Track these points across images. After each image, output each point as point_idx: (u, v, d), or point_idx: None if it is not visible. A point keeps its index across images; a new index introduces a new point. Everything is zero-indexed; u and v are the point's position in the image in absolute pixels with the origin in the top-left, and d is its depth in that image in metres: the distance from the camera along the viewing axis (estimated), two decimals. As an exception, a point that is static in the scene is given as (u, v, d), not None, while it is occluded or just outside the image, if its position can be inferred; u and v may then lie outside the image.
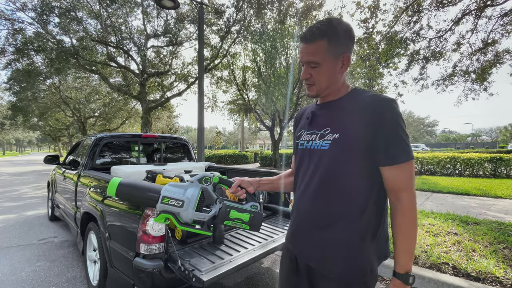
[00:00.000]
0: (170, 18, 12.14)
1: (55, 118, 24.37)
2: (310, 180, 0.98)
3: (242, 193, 1.08)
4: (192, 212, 0.95)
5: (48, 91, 17.41)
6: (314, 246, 0.95)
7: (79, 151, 3.85)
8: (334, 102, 0.99)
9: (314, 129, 1.01)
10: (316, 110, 1.05)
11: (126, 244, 1.85)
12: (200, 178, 1.01)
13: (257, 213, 1.03)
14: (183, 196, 0.96)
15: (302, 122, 1.13)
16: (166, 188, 0.97)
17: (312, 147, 0.99)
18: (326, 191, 0.92)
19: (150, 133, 3.91)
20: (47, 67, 11.86)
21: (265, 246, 1.94)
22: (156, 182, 2.36)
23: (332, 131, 0.93)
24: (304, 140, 1.05)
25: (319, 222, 0.94)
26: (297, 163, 1.10)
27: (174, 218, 0.95)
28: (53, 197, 4.51)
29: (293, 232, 1.05)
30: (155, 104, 13.18)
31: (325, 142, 0.94)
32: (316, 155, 0.97)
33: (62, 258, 3.14)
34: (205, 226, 0.99)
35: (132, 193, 0.98)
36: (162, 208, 0.95)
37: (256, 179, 1.18)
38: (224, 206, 1.00)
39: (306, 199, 0.98)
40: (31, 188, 8.59)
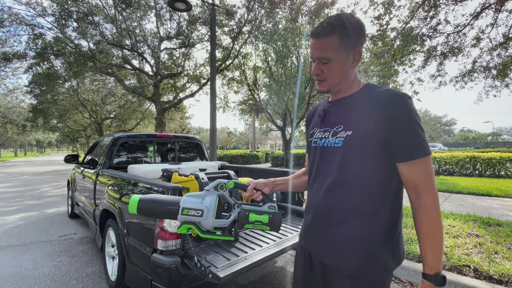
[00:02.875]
0: (183, 20, 12.34)
1: (73, 120, 25.26)
2: (323, 177, 0.98)
3: (258, 195, 1.08)
4: (212, 220, 0.97)
5: (67, 93, 18.07)
6: (328, 243, 0.94)
7: (97, 150, 3.98)
8: (346, 98, 0.98)
9: (326, 127, 1.01)
10: (328, 107, 1.04)
11: (144, 240, 1.89)
12: (216, 186, 1.03)
13: (276, 213, 1.03)
14: (202, 205, 0.98)
15: (315, 119, 1.12)
16: (185, 199, 0.99)
17: (325, 145, 0.99)
18: (339, 188, 0.92)
19: (164, 133, 3.98)
20: (66, 71, 12.32)
21: (280, 244, 1.94)
22: (171, 180, 2.41)
23: (345, 128, 0.92)
24: (317, 138, 1.05)
25: (332, 219, 0.93)
26: (310, 161, 1.09)
27: (195, 228, 0.97)
28: (72, 195, 4.68)
29: (306, 229, 1.05)
30: (169, 105, 13.42)
31: (338, 139, 0.93)
32: (329, 153, 0.97)
33: (82, 254, 3.25)
34: (226, 231, 1.00)
35: (153, 208, 1.01)
36: (183, 219, 0.97)
37: (271, 180, 1.18)
38: (242, 210, 1.00)
39: (320, 196, 0.98)
40: (51, 187, 8.94)
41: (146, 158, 3.78)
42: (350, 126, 0.91)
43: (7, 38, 10.24)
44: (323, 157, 1.00)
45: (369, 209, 0.88)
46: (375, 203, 0.88)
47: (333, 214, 0.93)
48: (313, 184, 1.05)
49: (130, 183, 2.32)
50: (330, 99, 1.07)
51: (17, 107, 26.62)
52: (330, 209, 0.94)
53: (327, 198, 0.95)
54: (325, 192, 0.96)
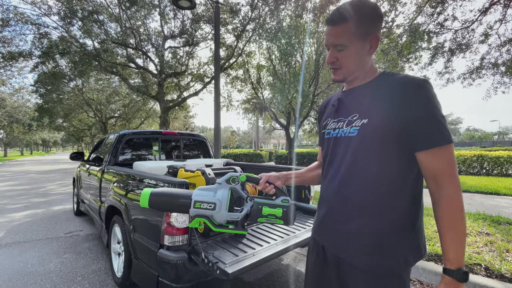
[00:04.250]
0: (186, 19, 12.34)
1: (78, 119, 25.48)
2: (337, 169, 0.94)
3: (271, 189, 1.05)
4: (225, 213, 0.95)
5: (72, 93, 18.21)
6: (342, 236, 0.91)
7: (102, 148, 3.98)
8: (362, 87, 0.95)
9: (341, 116, 0.97)
10: (342, 97, 1.01)
11: (150, 236, 1.88)
12: (227, 179, 1.00)
13: (289, 207, 1.00)
14: (214, 198, 0.96)
15: (328, 110, 1.09)
16: (197, 192, 0.97)
17: (339, 135, 0.96)
18: (354, 179, 0.89)
19: (169, 131, 3.97)
20: (71, 70, 12.41)
21: (287, 241, 1.91)
22: (178, 176, 2.39)
23: (360, 117, 0.88)
24: (330, 129, 1.01)
25: (346, 211, 0.90)
26: (323, 153, 1.06)
27: (208, 221, 0.95)
28: (78, 192, 4.70)
29: (320, 222, 1.02)
30: (173, 104, 13.45)
31: (353, 128, 0.90)
32: (343, 143, 0.93)
33: (88, 251, 3.25)
34: (239, 225, 0.98)
35: (164, 201, 1.00)
36: (195, 212, 0.95)
37: (283, 173, 1.15)
38: (255, 203, 0.98)
39: (333, 189, 0.95)
40: (57, 185, 9.01)
41: (151, 156, 3.77)
42: (366, 114, 0.88)
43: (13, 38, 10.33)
44: (337, 148, 0.96)
45: (385, 201, 0.84)
46: (392, 195, 0.84)
47: (347, 206, 0.90)
48: (326, 176, 1.01)
49: (136, 179, 2.31)
50: (344, 88, 1.03)
51: (23, 107, 26.91)
52: (344, 201, 0.91)
53: (341, 190, 0.92)
54: (338, 184, 0.93)
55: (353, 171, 0.89)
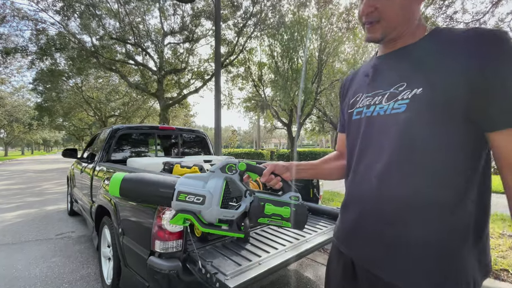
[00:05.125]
0: (186, 15, 12.12)
1: (78, 118, 25.30)
2: (373, 159, 0.71)
3: (277, 182, 0.82)
4: (216, 210, 0.72)
5: (71, 91, 18.04)
6: (385, 249, 0.67)
7: (96, 144, 3.76)
8: (408, 47, 0.70)
9: (378, 89, 0.73)
10: (379, 64, 0.76)
11: (140, 240, 1.64)
12: (223, 166, 0.77)
13: (300, 206, 0.78)
14: (204, 189, 0.73)
15: (357, 83, 0.85)
16: (182, 181, 0.74)
17: (375, 113, 0.72)
18: (401, 171, 0.64)
19: (167, 125, 3.75)
20: (69, 67, 12.20)
21: (297, 247, 1.66)
22: (173, 172, 2.15)
23: (410, 86, 0.64)
24: (362, 107, 0.77)
25: (391, 215, 0.66)
26: (350, 139, 0.83)
27: (194, 219, 0.72)
28: (71, 192, 4.48)
29: (348, 230, 0.79)
30: (172, 101, 13.24)
31: (399, 103, 0.66)
32: (383, 123, 0.69)
33: (78, 254, 3.02)
34: (234, 226, 0.76)
35: (139, 190, 0.76)
36: (178, 206, 0.73)
37: (294, 163, 0.90)
38: (256, 199, 0.76)
39: (370, 184, 0.70)
40: (54, 184, 8.80)
41: (147, 152, 3.54)
42: (419, 81, 0.63)
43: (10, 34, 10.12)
44: (372, 131, 0.72)
45: (448, 199, 0.60)
46: (457, 191, 0.60)
47: (392, 208, 0.66)
48: (356, 169, 0.77)
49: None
50: (380, 52, 0.78)
51: (23, 106, 26.77)
52: (388, 201, 0.66)
53: (382, 186, 0.67)
54: (379, 179, 0.68)
55: (400, 159, 0.65)
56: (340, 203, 0.85)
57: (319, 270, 2.65)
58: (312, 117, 16.48)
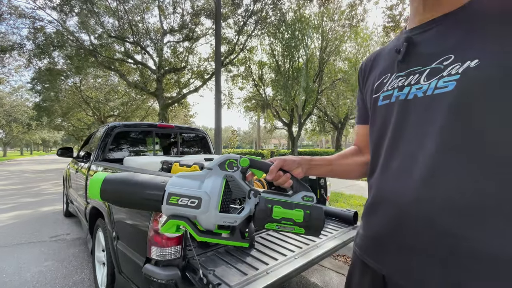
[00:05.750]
0: (186, 13, 11.99)
1: (77, 118, 25.17)
2: (412, 151, 0.57)
3: (286, 180, 0.68)
4: (215, 214, 0.59)
5: (70, 90, 17.90)
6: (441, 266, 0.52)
7: (92, 142, 3.63)
8: (454, 13, 0.56)
9: (414, 66, 0.60)
10: (414, 36, 0.62)
11: (135, 246, 1.50)
12: (222, 162, 0.64)
13: (315, 208, 0.65)
14: (199, 190, 0.60)
15: (383, 63, 0.71)
16: (174, 181, 0.61)
17: (411, 95, 0.59)
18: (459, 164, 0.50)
19: (166, 123, 3.61)
20: (67, 66, 12.05)
21: (308, 253, 1.52)
22: (171, 171, 2.01)
23: (460, 58, 0.51)
24: (391, 89, 0.64)
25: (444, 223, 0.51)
26: (377, 130, 0.69)
27: (189, 225, 0.59)
28: (67, 192, 4.34)
29: (377, 239, 0.65)
30: (172, 101, 13.10)
31: (444, 80, 0.53)
32: (424, 106, 0.56)
33: (72, 258, 2.88)
34: (236, 233, 0.63)
35: (123, 192, 0.62)
36: (170, 211, 0.60)
37: (306, 158, 0.76)
38: (262, 200, 0.63)
39: (410, 181, 0.56)
40: (51, 185, 8.65)
41: (145, 150, 3.40)
42: (475, 51, 0.50)
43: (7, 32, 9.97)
44: (409, 117, 0.59)
45: None
46: None
47: (445, 214, 0.51)
48: (386, 164, 0.63)
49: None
50: (415, 23, 0.64)
51: (22, 106, 26.62)
52: (440, 205, 0.51)
53: (429, 185, 0.53)
54: (424, 175, 0.54)
55: (456, 149, 0.50)
56: (345, 205, 0.71)
57: (326, 275, 2.50)
58: (313, 117, 16.34)
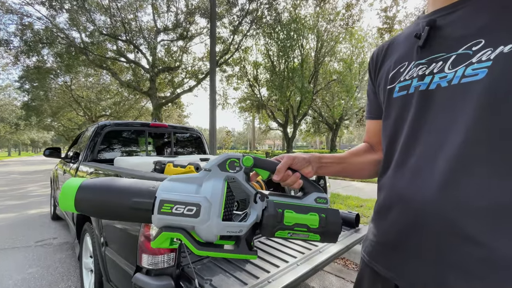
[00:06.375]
0: (180, 12, 11.84)
1: (68, 118, 24.64)
2: (433, 148, 0.51)
3: (296, 180, 0.59)
4: (217, 223, 0.49)
5: (60, 90, 17.47)
6: (460, 277, 0.46)
7: (81, 142, 3.48)
8: None
9: (437, 52, 0.53)
10: (438, 18, 0.55)
11: (125, 253, 1.38)
12: (222, 162, 0.55)
13: (331, 211, 0.56)
14: (198, 196, 0.50)
15: (400, 50, 0.64)
16: (165, 185, 0.51)
17: (434, 85, 0.52)
18: (485, 163, 0.44)
19: (159, 122, 3.48)
20: (57, 64, 11.73)
21: (311, 259, 1.43)
22: (165, 172, 1.90)
23: (493, 42, 0.45)
24: (409, 79, 0.57)
25: (469, 226, 0.45)
26: (392, 124, 0.62)
27: (186, 238, 0.49)
28: (55, 194, 4.16)
29: (390, 245, 0.58)
30: (166, 100, 12.90)
31: (473, 67, 0.46)
32: (450, 98, 0.50)
33: (59, 264, 2.72)
34: (242, 244, 0.53)
35: (103, 202, 0.51)
36: (162, 222, 0.49)
37: (315, 155, 0.69)
38: (271, 205, 0.54)
39: (431, 181, 0.50)
40: (39, 186, 8.37)
41: (137, 150, 3.27)
42: (508, 35, 0.44)
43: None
44: (431, 110, 0.52)
45: None
46: None
47: (471, 218, 0.44)
48: (403, 162, 0.57)
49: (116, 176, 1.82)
50: (438, 5, 0.56)
51: (10, 105, 25.91)
52: (465, 208, 0.45)
53: (453, 185, 0.46)
54: (446, 175, 0.47)
55: (482, 148, 0.44)
56: (343, 206, 0.64)
57: (326, 279, 2.42)
58: (307, 118, 16.35)
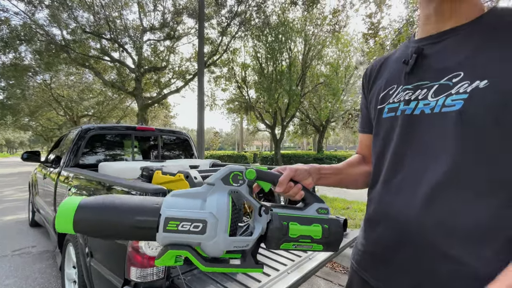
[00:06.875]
0: (167, 12, 11.65)
1: (47, 118, 23.59)
2: (421, 168, 0.55)
3: (297, 191, 0.61)
4: (224, 238, 0.49)
5: (39, 88, 16.70)
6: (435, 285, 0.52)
7: (62, 146, 3.34)
8: (467, 26, 0.54)
9: (421, 80, 0.58)
10: (425, 47, 0.59)
11: (112, 265, 1.34)
12: (225, 176, 0.54)
13: (333, 221, 0.59)
14: (203, 212, 0.49)
15: (390, 72, 0.68)
16: (169, 202, 0.49)
17: (418, 110, 0.57)
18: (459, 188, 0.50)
19: (145, 126, 3.40)
20: (36, 62, 11.21)
21: (301, 266, 1.45)
22: (153, 180, 1.86)
23: (469, 77, 0.50)
24: (397, 102, 0.62)
25: (445, 243, 0.50)
26: (380, 142, 0.66)
27: (193, 255, 0.48)
28: (33, 200, 3.97)
29: (377, 256, 0.63)
30: (152, 101, 12.63)
31: (452, 98, 0.52)
32: (431, 124, 0.55)
33: (38, 274, 2.60)
34: (249, 258, 0.53)
35: (105, 222, 0.49)
36: (168, 239, 0.48)
37: (315, 167, 0.72)
38: (276, 218, 0.55)
39: (414, 200, 0.54)
40: (15, 190, 7.97)
41: (122, 155, 3.18)
42: (485, 70, 0.48)
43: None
44: (415, 134, 0.57)
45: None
46: None
47: (447, 236, 0.50)
48: (389, 179, 0.62)
49: (99, 184, 1.77)
50: (424, 34, 0.61)
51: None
52: (442, 227, 0.50)
53: (432, 205, 0.51)
54: (426, 196, 0.52)
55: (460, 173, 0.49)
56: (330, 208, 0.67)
57: (314, 283, 2.46)
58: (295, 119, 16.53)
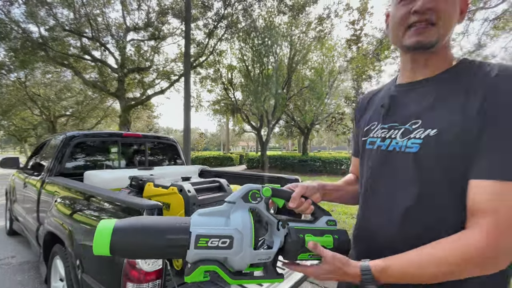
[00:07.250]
0: (152, 11, 11.44)
1: (21, 117, 22.36)
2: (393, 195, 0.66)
3: (308, 206, 0.71)
4: (249, 252, 0.56)
5: (12, 86, 15.80)
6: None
7: (45, 153, 3.22)
8: (432, 80, 0.65)
9: (394, 122, 0.69)
10: (399, 94, 0.71)
11: (105, 280, 1.35)
12: (245, 194, 0.61)
13: (341, 232, 0.69)
14: (229, 228, 0.56)
15: (373, 110, 0.80)
16: (197, 220, 0.55)
17: (391, 147, 0.67)
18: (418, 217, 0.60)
19: (132, 132, 3.36)
20: (11, 59, 10.63)
21: (292, 274, 1.52)
22: (144, 193, 1.86)
23: (425, 125, 0.61)
24: (376, 138, 0.73)
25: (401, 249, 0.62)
26: (363, 168, 0.77)
27: (221, 269, 0.55)
28: (11, 207, 3.80)
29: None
30: (135, 102, 12.33)
31: (412, 141, 0.62)
32: (397, 161, 0.65)
33: (20, 286, 2.51)
34: (270, 269, 0.61)
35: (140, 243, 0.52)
36: (198, 256, 0.53)
37: (321, 184, 0.81)
38: (293, 231, 0.63)
39: (391, 221, 0.64)
40: (-12, 195, 7.50)
41: (109, 163, 3.12)
42: (435, 121, 0.59)
43: None
44: (388, 166, 0.67)
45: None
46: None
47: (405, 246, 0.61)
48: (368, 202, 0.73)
49: (85, 195, 1.75)
50: (401, 80, 0.73)
51: None
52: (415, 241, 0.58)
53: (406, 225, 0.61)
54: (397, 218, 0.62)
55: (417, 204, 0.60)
56: None
57: (301, 286, 2.54)
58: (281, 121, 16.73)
